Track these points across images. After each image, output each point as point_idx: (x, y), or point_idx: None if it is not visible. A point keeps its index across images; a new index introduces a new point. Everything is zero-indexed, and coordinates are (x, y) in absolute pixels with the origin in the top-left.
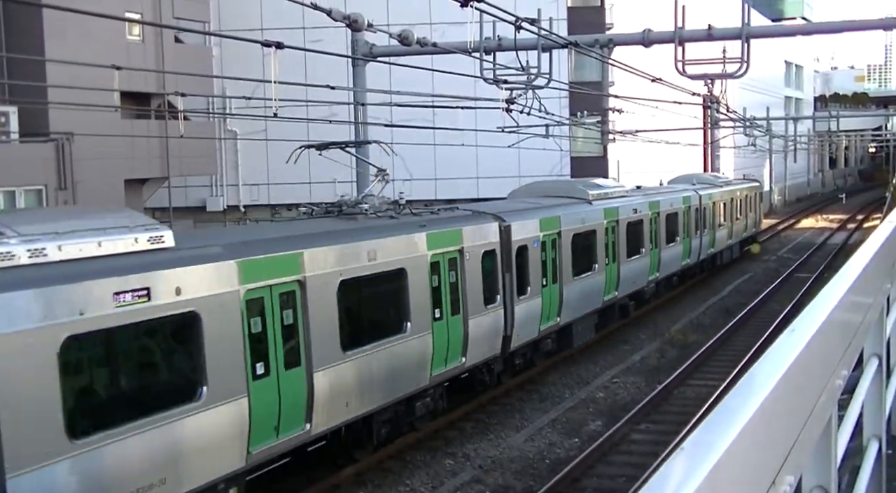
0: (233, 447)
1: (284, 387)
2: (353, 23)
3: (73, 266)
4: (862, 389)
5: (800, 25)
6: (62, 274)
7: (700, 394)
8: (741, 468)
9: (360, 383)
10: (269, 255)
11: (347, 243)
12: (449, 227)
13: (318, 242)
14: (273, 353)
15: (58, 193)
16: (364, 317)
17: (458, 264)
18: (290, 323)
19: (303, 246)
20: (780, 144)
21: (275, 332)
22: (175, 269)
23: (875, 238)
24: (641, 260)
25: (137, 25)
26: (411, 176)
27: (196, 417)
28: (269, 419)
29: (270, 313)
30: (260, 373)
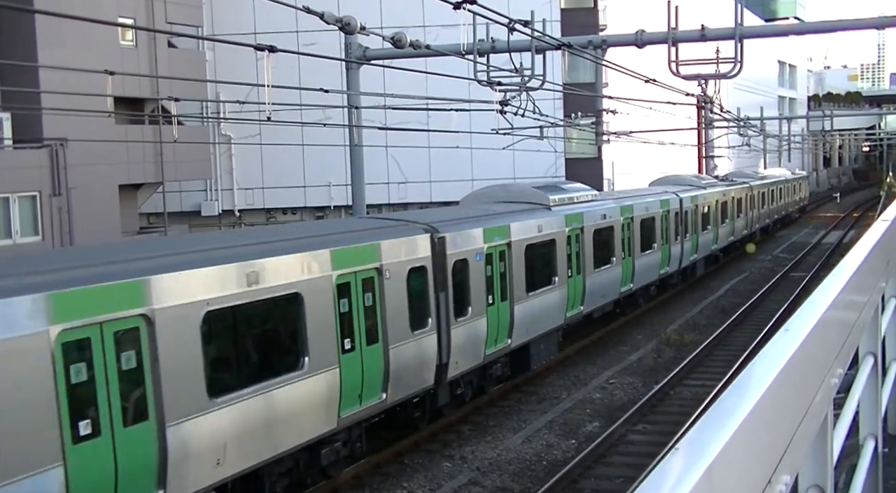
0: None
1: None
2: (346, 26)
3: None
4: (858, 387)
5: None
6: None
7: (697, 394)
8: (737, 467)
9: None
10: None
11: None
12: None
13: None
14: (495, 290)
15: (52, 200)
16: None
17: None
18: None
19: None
20: (774, 143)
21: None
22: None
23: (869, 236)
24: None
25: (130, 31)
26: (406, 179)
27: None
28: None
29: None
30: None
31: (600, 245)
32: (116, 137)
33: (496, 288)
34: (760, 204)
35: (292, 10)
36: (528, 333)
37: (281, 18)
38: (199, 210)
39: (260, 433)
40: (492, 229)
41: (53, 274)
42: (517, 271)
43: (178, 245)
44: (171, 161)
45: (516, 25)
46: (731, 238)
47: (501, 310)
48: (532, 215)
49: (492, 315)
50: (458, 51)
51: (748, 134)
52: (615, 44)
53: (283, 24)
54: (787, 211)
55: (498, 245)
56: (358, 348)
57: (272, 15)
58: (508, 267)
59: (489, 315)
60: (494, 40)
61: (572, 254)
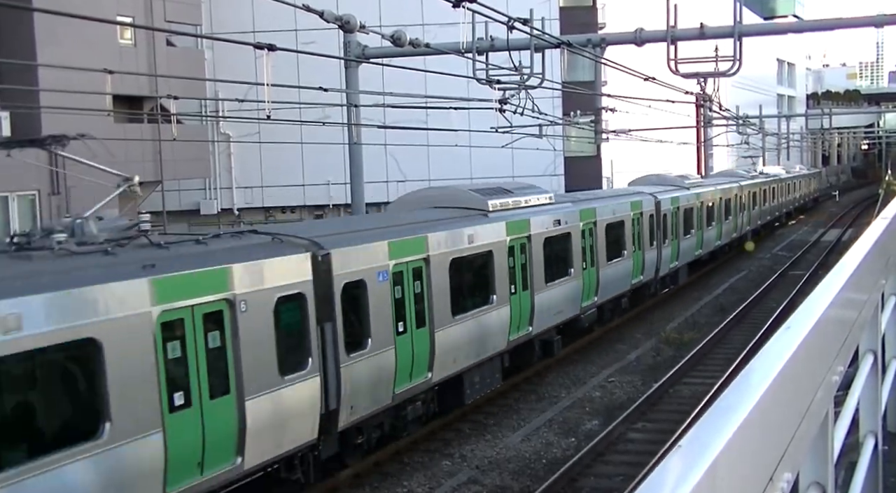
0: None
1: (416, 342)
2: (346, 24)
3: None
4: (858, 385)
5: (791, 23)
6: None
7: (696, 392)
8: (739, 465)
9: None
10: (407, 237)
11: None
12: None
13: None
14: (408, 315)
15: (51, 198)
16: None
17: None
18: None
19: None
20: (773, 141)
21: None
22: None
23: (869, 234)
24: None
25: (129, 29)
26: (405, 177)
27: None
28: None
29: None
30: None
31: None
32: (115, 135)
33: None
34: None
35: (291, 8)
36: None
37: (280, 17)
38: (198, 209)
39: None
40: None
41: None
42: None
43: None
44: (170, 160)
45: (515, 24)
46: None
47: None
48: (462, 223)
49: (402, 346)
50: (458, 49)
51: (747, 132)
52: (614, 42)
53: (283, 22)
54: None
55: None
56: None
57: (271, 13)
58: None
59: (399, 346)
60: (493, 39)
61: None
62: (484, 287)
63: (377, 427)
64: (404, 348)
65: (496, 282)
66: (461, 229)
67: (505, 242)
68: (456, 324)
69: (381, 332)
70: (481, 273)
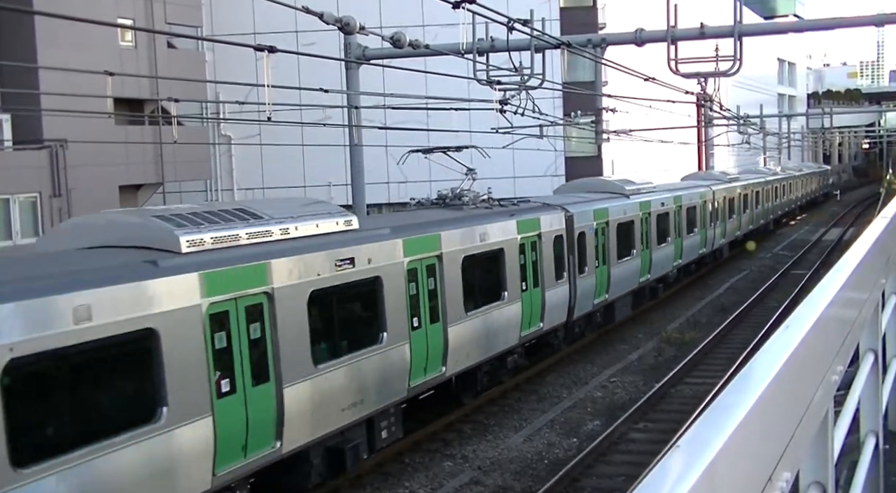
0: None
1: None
2: (345, 26)
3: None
4: (858, 384)
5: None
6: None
7: (698, 392)
8: (738, 465)
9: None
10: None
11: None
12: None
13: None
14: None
15: (52, 201)
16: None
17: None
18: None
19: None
20: (773, 141)
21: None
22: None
23: (870, 233)
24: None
25: (130, 31)
26: (406, 178)
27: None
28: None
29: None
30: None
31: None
32: (116, 137)
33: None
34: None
35: (292, 10)
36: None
37: (280, 19)
38: None
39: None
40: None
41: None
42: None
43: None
44: (171, 162)
45: (515, 24)
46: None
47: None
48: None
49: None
50: (458, 50)
51: (748, 132)
52: (614, 42)
53: (283, 24)
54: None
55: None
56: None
57: (271, 15)
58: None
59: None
60: (494, 39)
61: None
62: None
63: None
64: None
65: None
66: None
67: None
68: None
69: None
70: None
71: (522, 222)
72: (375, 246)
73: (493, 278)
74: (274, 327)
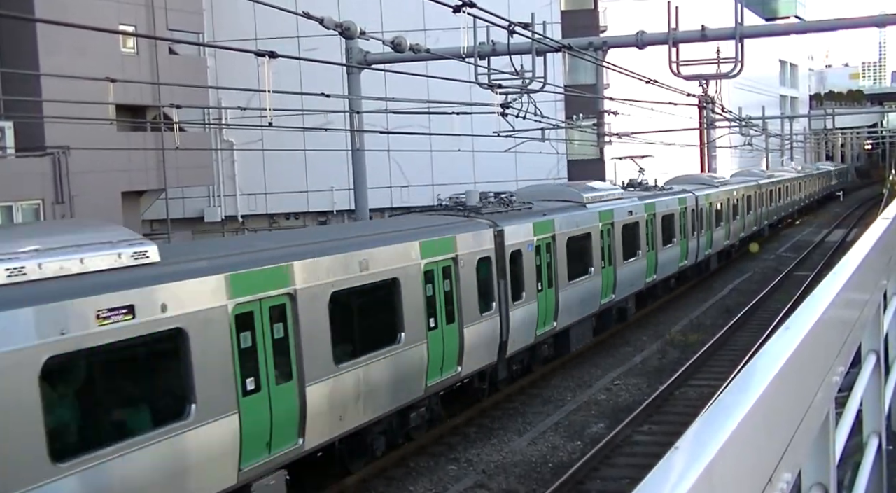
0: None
1: (446, 337)
2: (346, 31)
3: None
4: (860, 385)
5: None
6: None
7: (702, 394)
8: (737, 465)
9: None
10: (437, 237)
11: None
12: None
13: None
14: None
15: (55, 208)
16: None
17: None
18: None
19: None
20: (776, 142)
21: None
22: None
23: (871, 234)
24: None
25: (131, 38)
26: (409, 182)
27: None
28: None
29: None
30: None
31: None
32: (118, 144)
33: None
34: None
35: (293, 15)
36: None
37: (281, 24)
38: (202, 216)
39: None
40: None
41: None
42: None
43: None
44: (173, 168)
45: (516, 28)
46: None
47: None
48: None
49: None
50: (459, 54)
51: (750, 133)
52: (615, 45)
53: (284, 29)
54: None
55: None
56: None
57: (273, 21)
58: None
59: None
60: (495, 43)
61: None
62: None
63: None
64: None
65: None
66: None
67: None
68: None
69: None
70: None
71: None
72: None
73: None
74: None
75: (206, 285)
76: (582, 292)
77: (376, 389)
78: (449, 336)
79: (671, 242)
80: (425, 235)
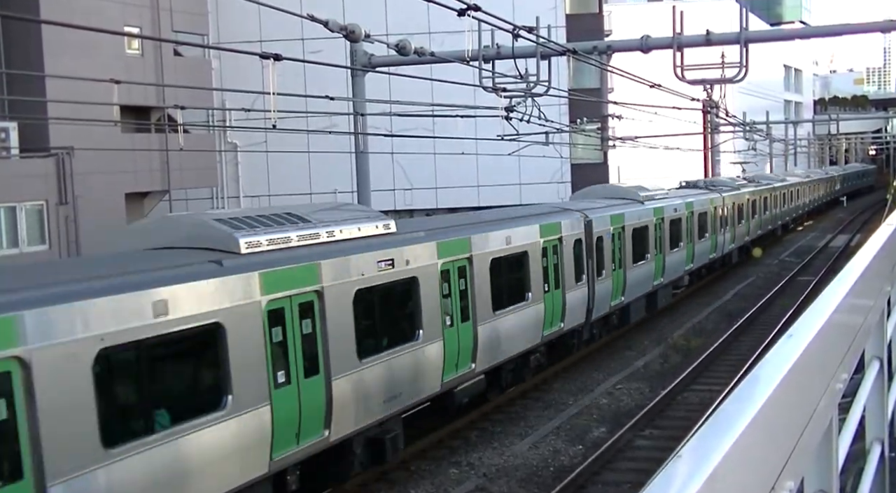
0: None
1: (554, 299)
2: (351, 33)
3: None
4: (864, 392)
5: (798, 29)
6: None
7: (704, 399)
8: (740, 473)
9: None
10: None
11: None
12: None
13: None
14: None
15: (59, 209)
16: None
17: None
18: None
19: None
20: (780, 147)
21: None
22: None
23: (875, 240)
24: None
25: (136, 39)
26: (412, 185)
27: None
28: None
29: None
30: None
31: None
32: (122, 145)
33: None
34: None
35: (298, 18)
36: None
37: (286, 27)
38: None
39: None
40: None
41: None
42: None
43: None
44: (177, 169)
45: (521, 31)
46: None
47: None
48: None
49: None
50: (463, 57)
51: (754, 138)
52: (620, 49)
53: (289, 32)
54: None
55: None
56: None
57: (277, 23)
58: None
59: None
60: (499, 46)
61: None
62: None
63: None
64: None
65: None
66: None
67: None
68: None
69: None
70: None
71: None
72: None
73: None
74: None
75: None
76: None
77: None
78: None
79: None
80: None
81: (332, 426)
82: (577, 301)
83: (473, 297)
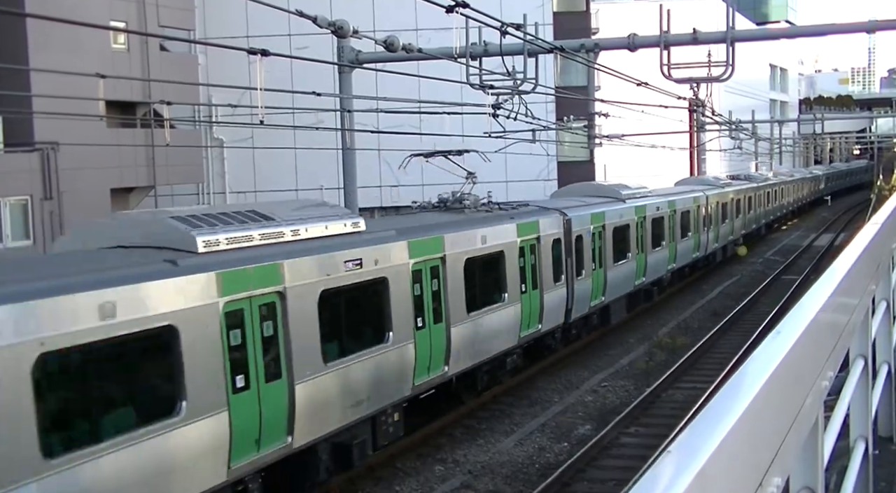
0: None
1: (532, 299)
2: (339, 30)
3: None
4: (848, 390)
5: (784, 29)
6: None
7: (689, 397)
8: (728, 470)
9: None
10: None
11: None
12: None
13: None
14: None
15: (43, 204)
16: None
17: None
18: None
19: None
20: (765, 146)
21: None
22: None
23: (860, 239)
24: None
25: (122, 34)
26: (398, 182)
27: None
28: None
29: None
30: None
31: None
32: (108, 140)
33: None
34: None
35: (285, 13)
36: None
37: (273, 22)
38: None
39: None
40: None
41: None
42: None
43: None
44: (163, 165)
45: (508, 29)
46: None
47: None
48: None
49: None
50: (451, 54)
51: (740, 137)
52: (607, 47)
53: (276, 27)
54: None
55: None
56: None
57: (264, 19)
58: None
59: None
60: (487, 44)
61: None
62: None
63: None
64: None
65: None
66: None
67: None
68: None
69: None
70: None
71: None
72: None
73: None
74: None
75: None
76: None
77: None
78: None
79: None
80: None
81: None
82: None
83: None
